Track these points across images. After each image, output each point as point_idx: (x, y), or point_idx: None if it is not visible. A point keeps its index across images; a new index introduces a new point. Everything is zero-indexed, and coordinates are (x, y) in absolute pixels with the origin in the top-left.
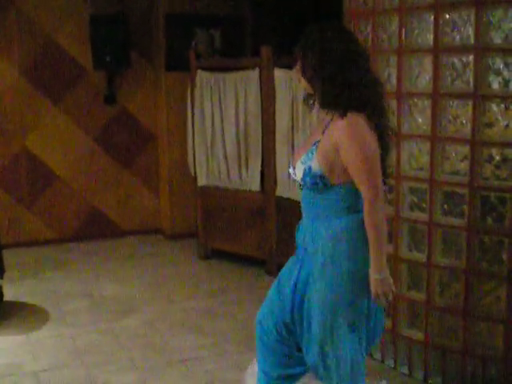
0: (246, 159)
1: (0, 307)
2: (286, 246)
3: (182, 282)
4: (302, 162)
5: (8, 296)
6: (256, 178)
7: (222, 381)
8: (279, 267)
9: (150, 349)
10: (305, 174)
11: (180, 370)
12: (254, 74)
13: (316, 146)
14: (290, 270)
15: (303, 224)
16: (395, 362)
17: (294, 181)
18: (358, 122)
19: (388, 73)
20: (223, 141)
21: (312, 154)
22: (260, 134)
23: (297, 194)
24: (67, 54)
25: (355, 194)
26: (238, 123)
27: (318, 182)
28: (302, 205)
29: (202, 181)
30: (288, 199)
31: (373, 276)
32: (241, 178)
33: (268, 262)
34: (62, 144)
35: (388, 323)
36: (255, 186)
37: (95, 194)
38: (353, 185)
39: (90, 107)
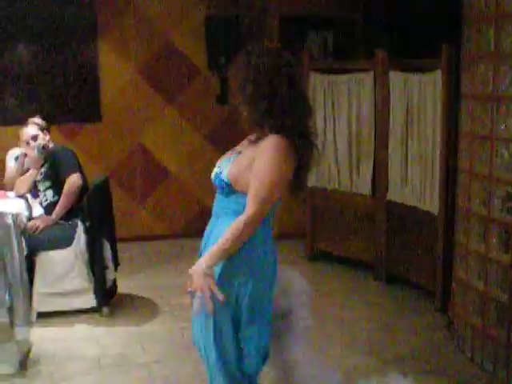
0: (358, 162)
1: (114, 299)
2: (395, 250)
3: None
4: (218, 166)
5: (120, 289)
6: (367, 181)
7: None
8: (387, 272)
9: None
10: (215, 176)
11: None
12: (368, 77)
13: (237, 156)
14: None
15: (210, 221)
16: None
17: (405, 185)
18: (280, 145)
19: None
20: (335, 143)
21: (229, 161)
22: (373, 138)
23: (408, 199)
24: (182, 53)
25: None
26: (351, 126)
27: (224, 187)
28: (214, 205)
29: (312, 182)
30: (399, 204)
31: (199, 269)
32: (351, 180)
33: (376, 267)
34: (175, 141)
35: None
36: (366, 189)
37: (205, 190)
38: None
39: (202, 106)
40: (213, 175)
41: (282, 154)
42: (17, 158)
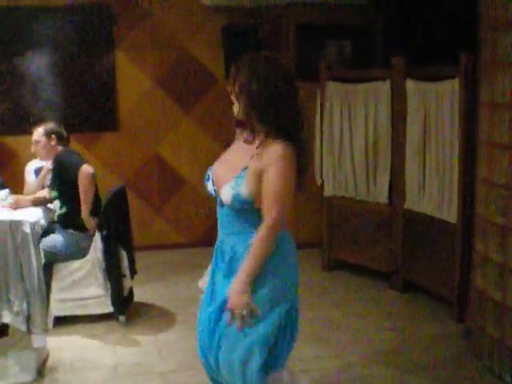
0: (375, 171)
1: (130, 308)
2: (412, 259)
3: (305, 292)
4: (232, 187)
5: (137, 297)
6: (384, 190)
7: None
8: (404, 281)
9: None
10: (233, 199)
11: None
12: (385, 86)
13: (245, 171)
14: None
15: (221, 240)
16: None
17: (423, 194)
18: (289, 151)
19: None
20: (351, 152)
21: (241, 179)
22: (389, 147)
23: (426, 208)
24: (199, 63)
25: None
26: (368, 135)
27: (246, 207)
28: (221, 220)
29: (328, 191)
30: (416, 212)
31: (237, 288)
32: (368, 189)
33: (393, 276)
34: (192, 150)
35: None
36: (383, 198)
37: None
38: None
39: (219, 116)
40: (228, 198)
41: (291, 161)
42: (36, 172)
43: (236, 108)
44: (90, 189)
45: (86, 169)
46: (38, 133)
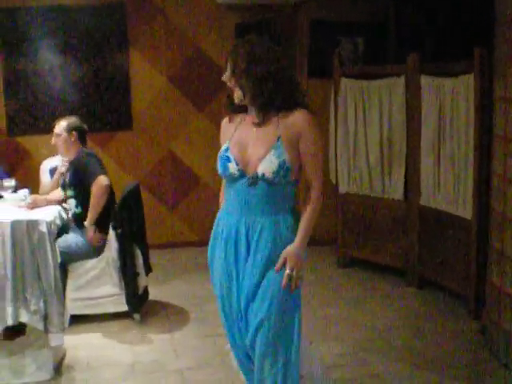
0: (390, 168)
1: (145, 306)
2: (428, 255)
3: (321, 289)
4: (276, 157)
5: (151, 295)
6: (399, 186)
7: None
8: (420, 278)
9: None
10: (279, 168)
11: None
12: (399, 82)
13: (280, 141)
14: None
15: (234, 216)
16: None
17: (438, 190)
18: (314, 117)
19: None
20: (366, 149)
21: (280, 148)
22: (404, 143)
23: (441, 204)
24: (213, 61)
25: (293, 194)
26: (382, 131)
27: (286, 177)
28: (246, 201)
29: (343, 188)
30: (432, 209)
31: (299, 252)
32: (383, 186)
33: (408, 273)
34: (205, 148)
35: None
36: (398, 194)
37: None
38: (296, 186)
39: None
40: (274, 167)
41: (319, 126)
42: (51, 172)
43: (238, 95)
44: (101, 200)
45: (102, 180)
46: (60, 126)
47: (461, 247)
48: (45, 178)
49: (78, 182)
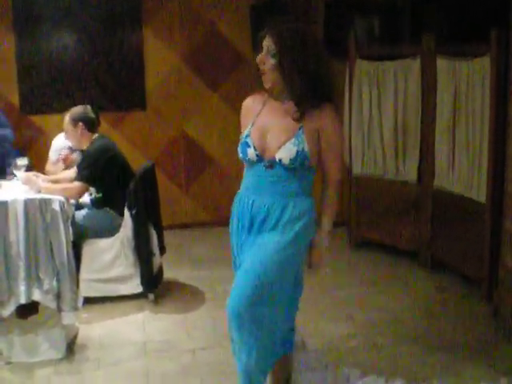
0: (404, 150)
1: (159, 286)
2: (440, 238)
3: (333, 271)
4: (296, 144)
5: (165, 276)
6: (413, 169)
7: (375, 372)
8: (433, 260)
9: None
10: (297, 155)
11: (331, 358)
12: (414, 63)
13: (302, 130)
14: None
15: (249, 196)
16: None
17: (452, 173)
18: (337, 113)
19: None
20: (380, 131)
21: (301, 137)
22: (419, 125)
23: (455, 186)
24: (227, 40)
25: (311, 180)
26: (397, 113)
27: (304, 164)
28: (260, 185)
29: (357, 170)
30: (445, 191)
31: (324, 241)
32: (397, 168)
33: (421, 255)
34: (219, 129)
35: None
36: (412, 177)
37: None
38: (313, 172)
39: (247, 94)
40: (292, 154)
41: (340, 121)
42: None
43: (272, 78)
44: (63, 194)
45: (74, 190)
46: (65, 121)
47: (474, 230)
48: (53, 156)
49: (93, 170)
